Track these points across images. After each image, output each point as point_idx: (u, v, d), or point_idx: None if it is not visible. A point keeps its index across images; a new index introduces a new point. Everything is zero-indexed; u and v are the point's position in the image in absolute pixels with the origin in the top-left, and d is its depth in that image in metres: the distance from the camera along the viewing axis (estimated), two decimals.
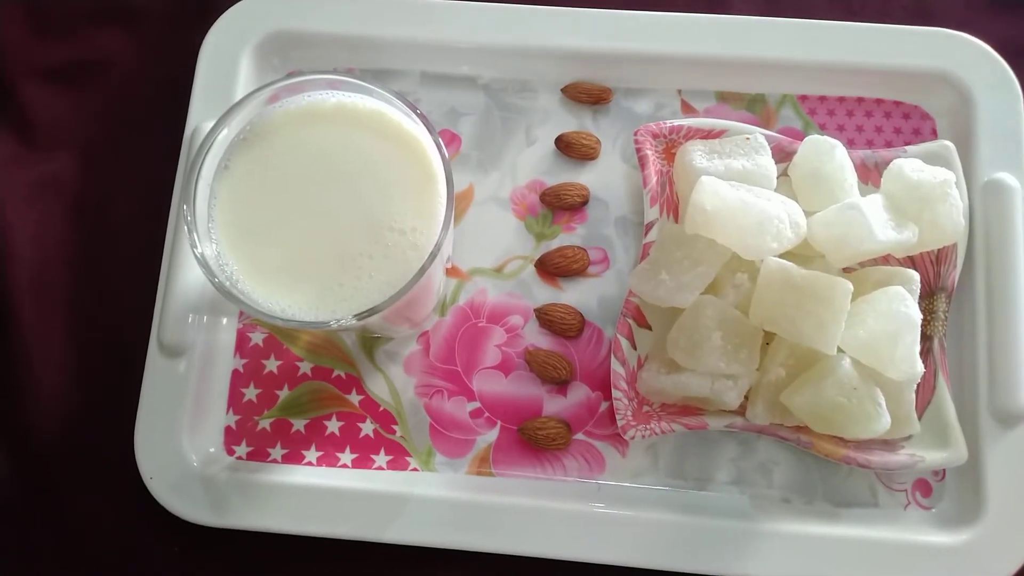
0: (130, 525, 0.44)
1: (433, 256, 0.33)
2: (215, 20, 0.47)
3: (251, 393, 0.45)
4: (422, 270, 0.33)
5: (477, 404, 0.44)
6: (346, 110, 0.36)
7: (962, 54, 0.46)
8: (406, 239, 0.35)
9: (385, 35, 0.47)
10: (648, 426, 0.40)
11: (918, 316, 0.38)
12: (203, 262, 0.34)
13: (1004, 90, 0.45)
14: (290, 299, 0.34)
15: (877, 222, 0.38)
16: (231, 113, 0.35)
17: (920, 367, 0.38)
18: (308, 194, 0.35)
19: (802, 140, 0.42)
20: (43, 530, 0.44)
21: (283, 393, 0.45)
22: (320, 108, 0.36)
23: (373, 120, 0.36)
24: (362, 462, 0.44)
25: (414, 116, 0.35)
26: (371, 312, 0.33)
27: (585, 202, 0.46)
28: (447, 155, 0.35)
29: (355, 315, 0.33)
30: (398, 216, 0.35)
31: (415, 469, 0.43)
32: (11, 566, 0.44)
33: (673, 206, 0.44)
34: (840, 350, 0.38)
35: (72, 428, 0.45)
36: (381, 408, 0.44)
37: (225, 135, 0.35)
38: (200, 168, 0.34)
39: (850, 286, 0.37)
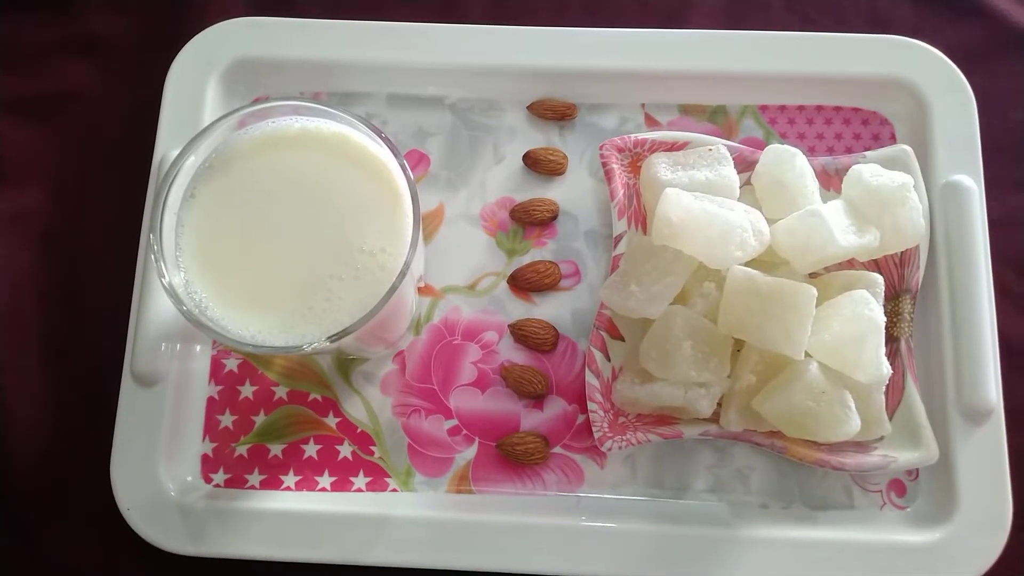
0: (110, 558, 0.44)
1: (402, 275, 0.33)
2: (180, 48, 0.48)
3: (227, 420, 0.44)
4: (392, 289, 0.33)
5: (455, 422, 0.44)
6: (311, 135, 0.36)
7: (917, 60, 0.47)
8: (375, 260, 0.35)
9: (350, 58, 0.48)
10: (624, 437, 0.40)
11: (882, 319, 0.39)
12: (171, 291, 0.34)
13: (957, 94, 0.46)
14: (260, 324, 0.34)
15: (838, 227, 0.39)
16: (197, 140, 0.35)
17: (887, 369, 0.39)
18: (275, 219, 0.35)
19: (763, 149, 0.43)
20: (22, 566, 0.43)
21: (259, 419, 0.44)
22: (285, 134, 0.37)
23: (338, 144, 0.36)
24: (341, 485, 0.44)
25: (378, 139, 0.35)
26: (343, 334, 0.33)
27: (554, 217, 0.47)
28: (412, 175, 0.35)
29: (328, 337, 0.33)
30: (367, 238, 0.35)
31: (395, 490, 0.43)
32: None
33: (640, 218, 0.44)
34: (808, 355, 0.39)
35: (47, 461, 0.45)
36: (359, 430, 0.44)
37: (191, 163, 0.35)
38: (166, 197, 0.34)
39: (814, 291, 0.38)
